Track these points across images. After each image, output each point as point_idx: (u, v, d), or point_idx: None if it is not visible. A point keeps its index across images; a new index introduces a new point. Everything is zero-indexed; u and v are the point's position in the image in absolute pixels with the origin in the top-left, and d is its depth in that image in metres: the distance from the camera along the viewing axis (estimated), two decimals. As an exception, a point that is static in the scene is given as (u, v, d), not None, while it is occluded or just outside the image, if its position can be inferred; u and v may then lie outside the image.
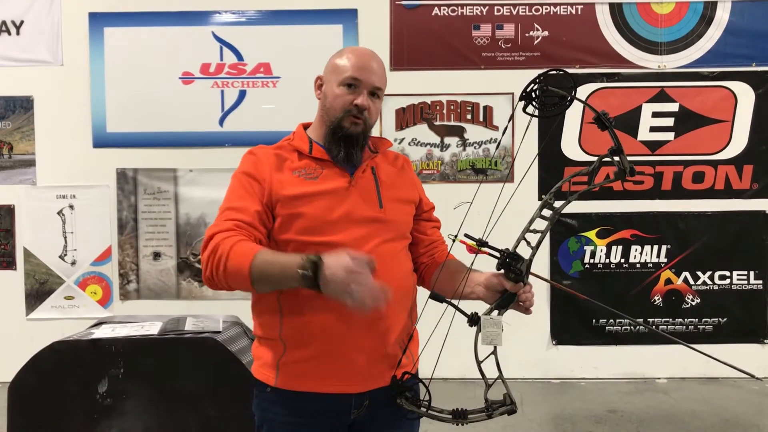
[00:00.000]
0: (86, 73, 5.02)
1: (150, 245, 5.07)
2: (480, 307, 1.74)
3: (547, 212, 1.76)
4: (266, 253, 1.63)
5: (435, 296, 1.75)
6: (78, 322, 4.66)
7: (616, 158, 1.72)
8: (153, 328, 2.86)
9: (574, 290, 4.89)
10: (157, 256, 5.06)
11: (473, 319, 1.72)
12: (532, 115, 1.70)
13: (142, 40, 5.03)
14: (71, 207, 5.03)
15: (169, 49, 5.02)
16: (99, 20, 5.00)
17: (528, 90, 1.68)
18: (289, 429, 1.78)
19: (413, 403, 1.74)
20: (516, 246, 1.71)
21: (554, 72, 1.68)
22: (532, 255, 1.71)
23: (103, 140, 5.04)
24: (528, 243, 1.72)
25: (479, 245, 1.74)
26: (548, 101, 1.69)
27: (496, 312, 1.74)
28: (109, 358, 2.66)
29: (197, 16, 5.02)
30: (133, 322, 3.01)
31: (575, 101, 1.68)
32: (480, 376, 1.74)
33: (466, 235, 1.77)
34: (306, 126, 1.93)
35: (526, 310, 1.77)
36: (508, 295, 1.73)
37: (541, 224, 1.74)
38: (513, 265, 1.69)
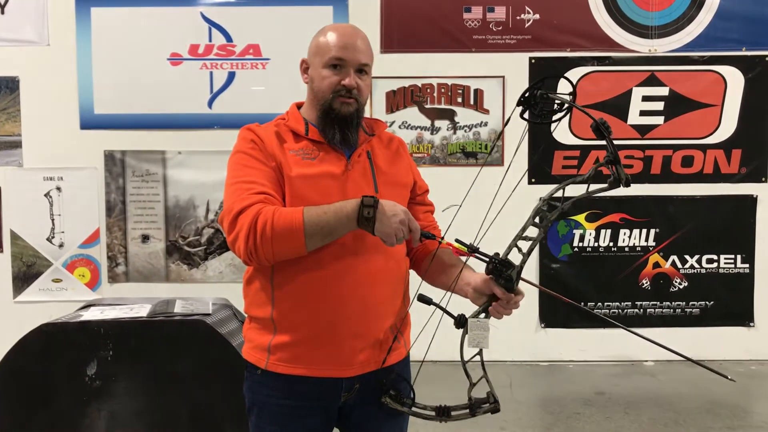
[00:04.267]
0: (73, 54, 4.95)
1: (138, 228, 5.04)
2: (467, 305, 1.74)
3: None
4: (313, 207, 1.64)
5: (422, 298, 1.74)
6: (66, 304, 4.63)
7: (612, 168, 1.70)
8: (142, 311, 2.85)
9: (562, 274, 4.94)
10: (145, 238, 5.03)
11: (460, 322, 1.71)
12: (530, 121, 1.69)
13: (129, 20, 4.96)
14: (59, 189, 4.99)
15: (157, 29, 4.96)
16: (86, 0, 4.93)
17: (526, 95, 1.67)
18: (280, 411, 1.78)
19: (397, 401, 1.74)
20: (507, 252, 1.68)
21: (552, 77, 1.66)
22: (523, 262, 1.68)
23: (90, 122, 4.99)
24: (519, 250, 1.69)
25: (470, 251, 1.71)
26: (546, 107, 1.68)
27: (483, 315, 1.72)
28: (98, 341, 2.65)
29: (185, -4, 4.96)
30: (122, 305, 3.00)
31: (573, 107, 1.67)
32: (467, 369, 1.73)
33: (457, 240, 1.75)
34: (299, 105, 1.91)
35: (500, 315, 1.73)
36: (489, 301, 1.71)
37: (533, 231, 1.70)
38: (503, 271, 1.67)
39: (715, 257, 5.04)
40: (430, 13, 4.93)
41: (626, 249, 5.02)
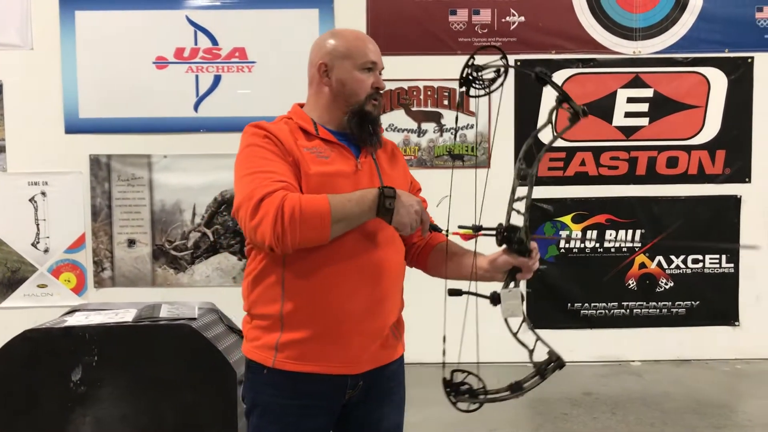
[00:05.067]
0: (57, 58, 4.92)
1: (124, 232, 5.01)
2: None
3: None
4: (335, 195, 1.67)
5: (453, 292, 1.78)
6: (51, 310, 4.58)
7: (566, 106, 1.72)
8: (127, 316, 2.82)
9: (549, 275, 4.95)
10: (131, 243, 5.01)
11: (494, 298, 1.74)
12: (478, 96, 1.72)
13: (114, 23, 4.94)
14: (43, 194, 4.95)
15: (142, 33, 4.95)
16: (70, 3, 4.90)
17: (464, 75, 1.70)
18: (284, 411, 1.78)
19: (473, 396, 1.74)
20: (508, 219, 1.71)
21: (484, 47, 1.71)
22: (526, 220, 1.71)
23: (75, 126, 4.96)
24: (517, 212, 1.71)
25: (475, 231, 1.75)
26: (486, 77, 1.71)
27: (512, 285, 1.75)
28: (83, 346, 2.63)
29: (170, 0, 4.94)
30: (107, 310, 2.97)
31: (518, 74, 1.70)
32: (522, 348, 1.77)
33: (460, 226, 1.78)
34: (301, 105, 1.92)
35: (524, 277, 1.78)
36: (515, 268, 1.75)
37: (522, 192, 1.72)
38: (513, 237, 1.70)
39: (700, 257, 5.07)
40: (416, 16, 4.94)
41: (612, 250, 5.05)
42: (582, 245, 5.03)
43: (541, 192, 2.45)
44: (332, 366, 1.76)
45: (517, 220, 1.70)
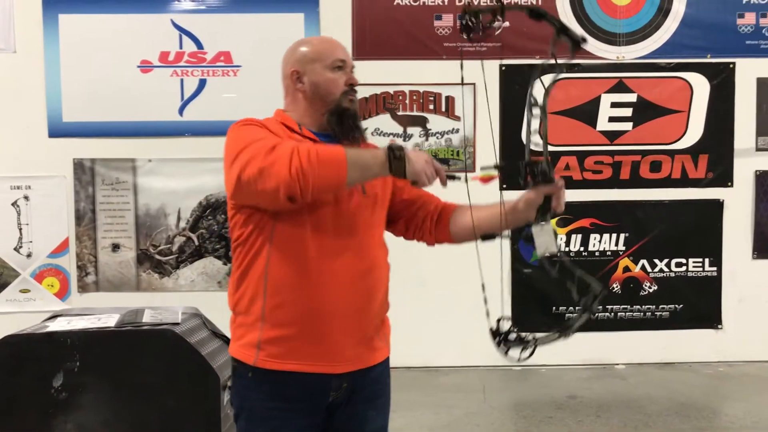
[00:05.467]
0: (40, 61, 4.89)
1: (109, 236, 4.99)
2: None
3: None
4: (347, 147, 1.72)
5: (486, 236, 1.85)
6: (34, 315, 4.51)
7: (565, 37, 1.80)
8: (110, 321, 2.80)
9: (534, 279, 4.97)
10: (116, 247, 4.98)
11: (528, 237, 1.78)
12: (475, 40, 1.83)
13: (98, 27, 4.92)
14: (26, 198, 4.92)
15: (127, 36, 4.93)
16: (53, 6, 4.88)
17: (463, 22, 1.81)
18: (269, 414, 1.80)
19: (522, 343, 1.78)
20: (529, 154, 1.76)
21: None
22: (546, 152, 1.75)
23: (59, 130, 4.93)
24: (536, 145, 1.76)
25: (497, 168, 1.80)
26: (484, 24, 1.81)
27: (542, 221, 1.78)
28: (65, 352, 2.60)
29: (155, 4, 4.93)
30: (89, 315, 2.95)
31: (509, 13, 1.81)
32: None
33: (482, 169, 1.83)
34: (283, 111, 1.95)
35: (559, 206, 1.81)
36: (543, 203, 1.78)
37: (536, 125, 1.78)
38: (536, 169, 1.74)
39: (683, 261, 5.11)
40: (401, 21, 4.96)
41: (597, 253, 5.08)
42: (567, 249, 5.06)
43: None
44: (314, 364, 1.77)
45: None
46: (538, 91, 1.82)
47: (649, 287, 5.10)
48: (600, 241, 5.06)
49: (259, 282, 1.78)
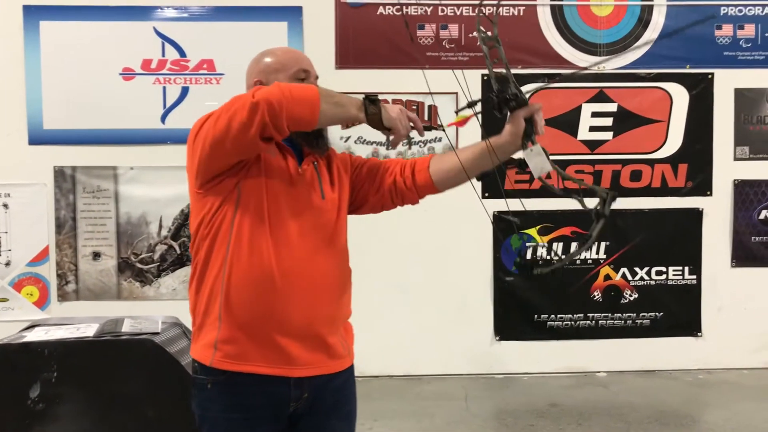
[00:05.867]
0: (21, 68, 4.86)
1: (89, 245, 4.95)
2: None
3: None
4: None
5: (482, 175, 1.88)
6: (12, 325, 4.46)
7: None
8: (89, 330, 2.78)
9: (516, 287, 4.99)
10: (96, 256, 4.94)
11: (520, 163, 1.81)
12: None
13: (80, 34, 4.89)
14: (5, 206, 4.87)
15: (109, 44, 4.90)
16: (34, 13, 4.85)
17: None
18: (231, 424, 1.79)
19: (548, 265, 1.82)
20: (495, 84, 1.79)
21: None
22: (510, 75, 1.79)
23: (39, 137, 4.89)
24: (498, 73, 1.81)
25: (471, 105, 1.84)
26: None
27: (530, 144, 1.80)
28: (42, 362, 2.58)
29: (138, 11, 4.91)
30: (68, 324, 2.92)
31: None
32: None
33: (456, 112, 1.89)
34: None
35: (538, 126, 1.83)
36: (526, 127, 1.80)
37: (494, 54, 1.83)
38: (507, 93, 1.77)
39: (663, 269, 5.16)
40: (384, 30, 4.98)
41: (578, 262, 5.11)
42: (548, 257, 5.08)
43: (507, 204, 2.50)
44: (268, 366, 1.77)
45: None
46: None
47: (630, 295, 5.14)
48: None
49: (216, 281, 1.79)
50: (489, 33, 1.84)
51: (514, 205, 4.81)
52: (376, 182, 2.01)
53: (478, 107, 1.86)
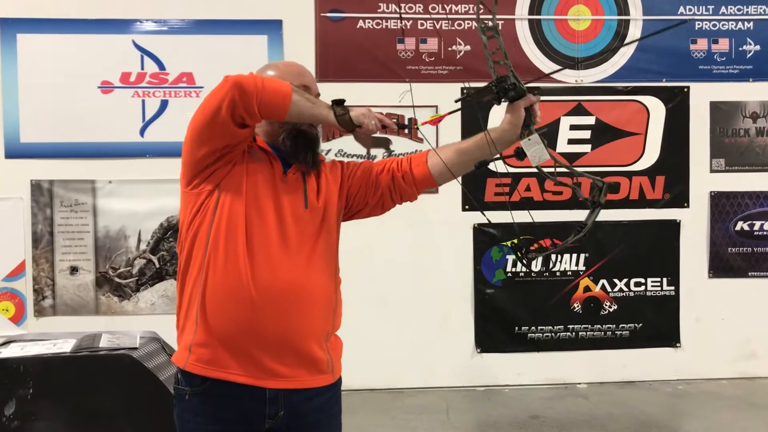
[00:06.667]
0: (-3, 81, 4.81)
1: (67, 259, 4.89)
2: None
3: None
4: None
5: (480, 164, 1.88)
6: (-12, 340, 4.45)
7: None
8: (66, 346, 2.75)
9: (498, 299, 5.01)
10: (74, 270, 4.88)
11: (519, 153, 1.84)
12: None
13: (58, 47, 4.86)
14: (-20, 220, 4.81)
15: (87, 57, 4.87)
16: (11, 26, 4.81)
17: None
18: None
19: (542, 251, 1.90)
20: (494, 74, 1.83)
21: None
22: (510, 66, 1.83)
23: (16, 151, 4.84)
24: (497, 63, 1.85)
25: (467, 96, 1.89)
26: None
27: (528, 133, 1.84)
28: (17, 379, 2.54)
29: (117, 25, 4.89)
30: (45, 340, 2.89)
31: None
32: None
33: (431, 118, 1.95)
34: None
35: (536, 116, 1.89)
36: (525, 117, 1.85)
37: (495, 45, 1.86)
38: (506, 84, 1.80)
39: (642, 280, 5.20)
40: (364, 44, 5.00)
41: (558, 273, 5.14)
42: (528, 269, 5.10)
43: (487, 217, 2.53)
44: (241, 375, 1.76)
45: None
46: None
47: (609, 306, 5.17)
48: (561, 261, 5.13)
49: (195, 284, 1.79)
50: (489, 23, 1.87)
51: (494, 217, 4.89)
52: (372, 182, 2.01)
53: (459, 105, 1.90)
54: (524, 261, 1.82)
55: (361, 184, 2.00)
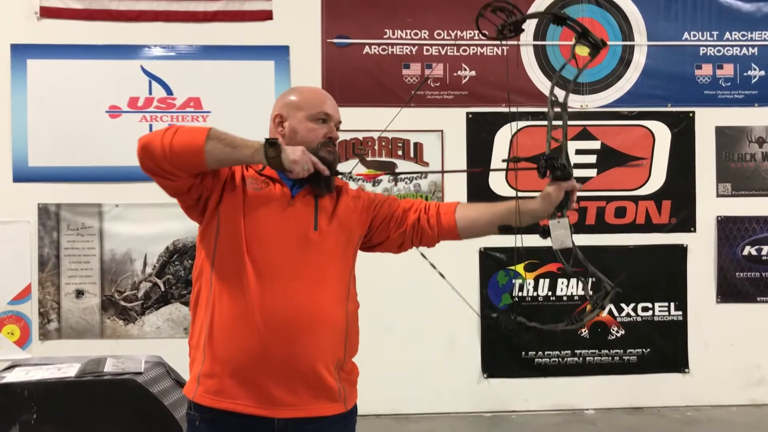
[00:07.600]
0: (7, 106, 4.85)
1: (73, 282, 4.89)
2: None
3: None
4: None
5: (503, 228, 1.90)
6: (-8, 364, 4.44)
7: (585, 43, 1.95)
8: (70, 370, 2.74)
9: (505, 323, 4.98)
10: (80, 293, 4.88)
11: (545, 231, 1.83)
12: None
13: (67, 73, 4.91)
14: (-13, 243, 4.82)
15: (96, 82, 4.92)
16: (21, 52, 4.87)
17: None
18: None
19: (525, 328, 1.84)
20: (548, 148, 1.84)
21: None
22: (565, 146, 1.86)
23: (24, 174, 4.87)
24: (555, 140, 1.87)
25: (514, 160, 1.92)
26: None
27: (559, 215, 1.85)
28: (21, 404, 2.53)
29: (125, 50, 4.94)
30: (49, 365, 2.88)
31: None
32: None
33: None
34: None
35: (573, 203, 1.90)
36: (562, 199, 1.86)
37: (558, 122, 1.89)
38: (555, 163, 1.81)
39: (649, 305, 5.17)
40: (370, 69, 5.04)
41: (564, 298, 5.11)
42: (535, 293, 5.08)
43: (493, 241, 2.53)
44: (249, 405, 1.74)
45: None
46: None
47: (617, 332, 5.13)
48: (567, 286, 5.10)
49: (205, 314, 1.79)
50: (560, 99, 1.90)
51: (500, 240, 4.88)
52: (398, 216, 2.01)
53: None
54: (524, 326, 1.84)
55: (385, 216, 2.01)
